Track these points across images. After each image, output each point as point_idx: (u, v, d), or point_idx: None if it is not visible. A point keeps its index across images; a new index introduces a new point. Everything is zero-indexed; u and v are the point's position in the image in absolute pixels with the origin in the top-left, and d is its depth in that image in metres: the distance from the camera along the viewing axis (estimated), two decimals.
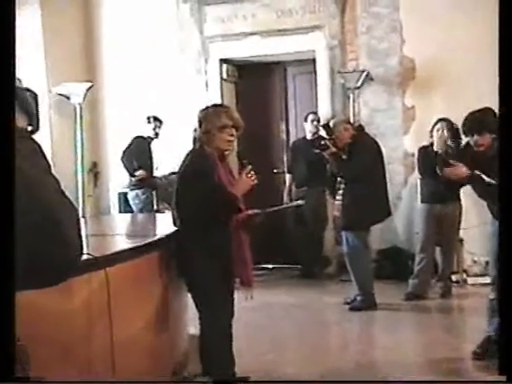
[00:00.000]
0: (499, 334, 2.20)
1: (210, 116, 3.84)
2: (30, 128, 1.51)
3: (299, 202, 6.77)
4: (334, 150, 6.06)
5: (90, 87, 8.06)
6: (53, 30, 7.94)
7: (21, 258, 1.24)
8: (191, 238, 3.77)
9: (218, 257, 3.74)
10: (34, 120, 1.51)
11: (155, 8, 8.33)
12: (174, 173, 5.52)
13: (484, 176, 4.27)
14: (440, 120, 6.40)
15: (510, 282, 2.09)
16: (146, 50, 8.38)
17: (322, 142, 6.18)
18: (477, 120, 4.40)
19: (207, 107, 3.97)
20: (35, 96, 1.54)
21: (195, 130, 3.90)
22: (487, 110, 4.37)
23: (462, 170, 4.46)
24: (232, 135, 3.85)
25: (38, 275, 1.31)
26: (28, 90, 1.52)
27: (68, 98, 7.95)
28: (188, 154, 3.90)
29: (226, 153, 3.92)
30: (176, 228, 3.90)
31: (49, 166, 1.41)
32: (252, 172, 3.87)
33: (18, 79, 1.46)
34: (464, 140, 4.71)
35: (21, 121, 1.46)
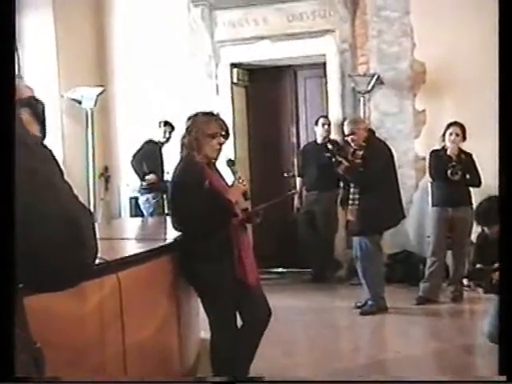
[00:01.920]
0: (499, 335, 2.21)
1: (199, 123, 3.85)
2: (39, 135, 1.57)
3: (292, 191, 6.83)
4: (347, 164, 6.04)
5: (102, 92, 8.10)
6: (65, 35, 7.98)
7: (40, 260, 1.26)
8: (192, 244, 3.80)
9: (220, 261, 3.74)
10: (43, 128, 1.59)
11: (166, 13, 8.36)
12: None
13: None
14: (452, 124, 6.40)
15: (510, 282, 2.08)
16: (157, 54, 8.41)
17: (334, 160, 6.13)
18: (483, 214, 4.43)
19: (197, 114, 3.94)
20: (43, 105, 1.63)
21: (184, 137, 3.90)
22: (492, 200, 4.36)
23: None
24: (220, 143, 3.87)
25: (56, 277, 1.34)
26: (38, 100, 1.57)
27: (80, 102, 7.99)
28: (180, 161, 3.92)
29: (213, 160, 3.93)
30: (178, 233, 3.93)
31: (61, 173, 1.43)
32: (242, 178, 3.92)
33: (21, 76, 1.51)
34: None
35: (36, 129, 1.53)
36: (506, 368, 2.08)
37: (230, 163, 4.02)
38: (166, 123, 7.75)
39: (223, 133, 3.89)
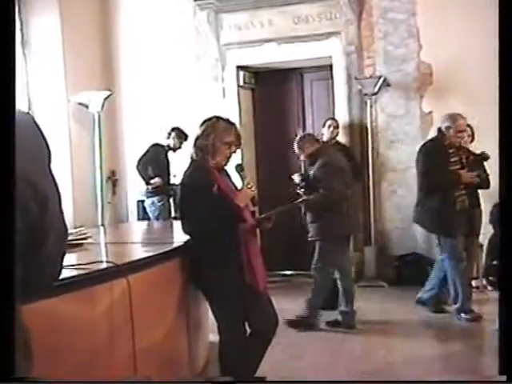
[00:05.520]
0: (499, 335, 2.20)
1: (219, 130, 3.85)
2: None
3: (303, 198, 6.77)
4: None
5: (109, 96, 8.13)
6: (72, 39, 8.01)
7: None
8: (200, 249, 3.79)
9: (229, 266, 3.74)
10: None
11: (172, 16, 8.38)
12: None
13: None
14: None
15: (509, 282, 2.08)
16: (163, 57, 8.44)
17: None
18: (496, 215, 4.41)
19: (217, 119, 3.93)
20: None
21: (198, 139, 3.89)
22: None
23: None
24: (232, 152, 3.90)
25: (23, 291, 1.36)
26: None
27: (87, 106, 8.01)
28: (190, 165, 3.92)
29: (224, 167, 3.95)
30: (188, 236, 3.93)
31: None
32: (251, 183, 3.95)
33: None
34: None
35: None
36: (506, 368, 2.08)
37: (239, 168, 4.03)
38: (180, 132, 7.66)
39: (237, 143, 3.91)
